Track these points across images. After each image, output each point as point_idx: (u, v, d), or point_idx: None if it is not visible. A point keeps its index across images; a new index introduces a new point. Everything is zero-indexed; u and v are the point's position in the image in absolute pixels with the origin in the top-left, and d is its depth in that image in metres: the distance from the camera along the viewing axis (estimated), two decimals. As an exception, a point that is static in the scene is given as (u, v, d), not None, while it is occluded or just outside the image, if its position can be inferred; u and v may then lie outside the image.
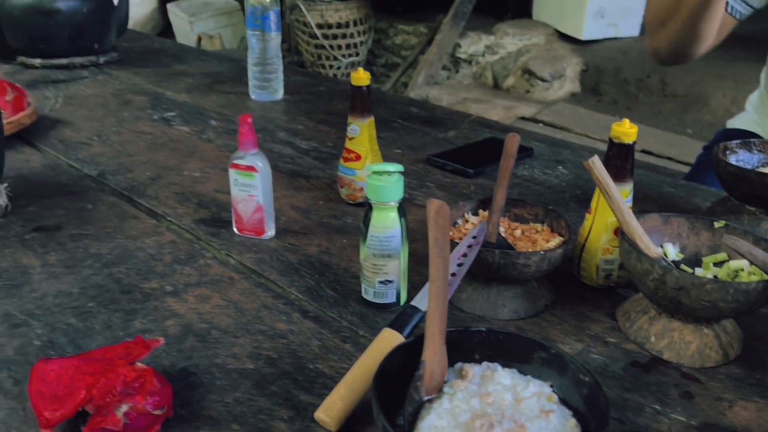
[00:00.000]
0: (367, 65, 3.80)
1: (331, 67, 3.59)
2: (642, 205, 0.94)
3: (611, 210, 0.63)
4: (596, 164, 0.61)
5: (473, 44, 3.47)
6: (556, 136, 2.20)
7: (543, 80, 3.24)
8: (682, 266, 0.68)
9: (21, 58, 1.60)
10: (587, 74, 3.30)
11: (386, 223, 0.65)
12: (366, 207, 0.67)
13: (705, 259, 0.68)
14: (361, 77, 0.87)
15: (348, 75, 3.67)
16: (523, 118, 2.99)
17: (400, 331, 0.57)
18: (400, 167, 0.66)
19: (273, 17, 1.33)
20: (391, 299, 0.69)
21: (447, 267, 0.49)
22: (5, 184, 0.90)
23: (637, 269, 0.61)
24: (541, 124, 2.93)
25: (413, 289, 0.71)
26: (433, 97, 3.24)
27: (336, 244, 0.82)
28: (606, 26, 3.35)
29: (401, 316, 0.58)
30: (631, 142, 0.67)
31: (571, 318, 0.69)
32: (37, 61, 1.59)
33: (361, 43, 3.60)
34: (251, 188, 0.79)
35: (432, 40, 3.48)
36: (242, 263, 0.77)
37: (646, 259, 0.60)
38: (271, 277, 0.75)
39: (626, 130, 0.66)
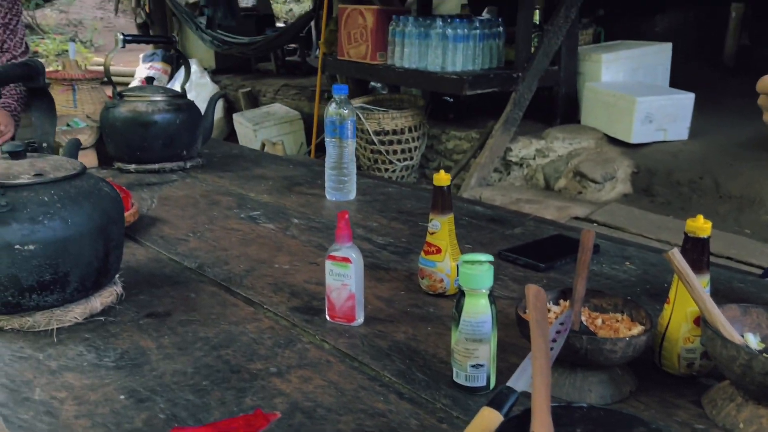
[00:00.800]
0: (421, 168, 3.97)
1: (386, 170, 3.76)
2: (714, 299, 0.96)
3: (693, 299, 0.68)
4: (676, 256, 0.67)
5: (524, 148, 3.60)
6: (612, 235, 2.24)
7: (595, 182, 3.31)
8: (765, 355, 0.71)
9: (118, 164, 1.77)
10: (638, 176, 3.36)
11: (478, 309, 0.71)
12: (458, 294, 0.72)
13: (787, 349, 0.71)
14: (443, 178, 0.96)
15: (403, 177, 3.83)
16: (577, 218, 3.04)
17: (499, 409, 0.61)
18: (490, 257, 0.72)
19: (350, 126, 1.46)
20: (482, 383, 0.73)
21: (548, 345, 0.54)
22: (118, 274, 0.99)
23: (722, 356, 0.64)
24: (595, 224, 2.97)
25: (499, 374, 0.75)
26: (486, 198, 3.34)
27: (421, 332, 0.87)
28: (654, 130, 3.44)
29: (499, 395, 0.62)
30: (706, 236, 0.72)
31: (656, 404, 0.71)
32: (132, 167, 1.75)
33: (416, 148, 3.77)
34: (345, 277, 0.86)
35: (483, 144, 3.63)
36: (337, 347, 0.83)
37: (732, 346, 0.63)
38: (364, 361, 0.80)
39: (701, 225, 0.71)
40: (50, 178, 0.86)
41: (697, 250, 0.73)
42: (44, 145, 0.97)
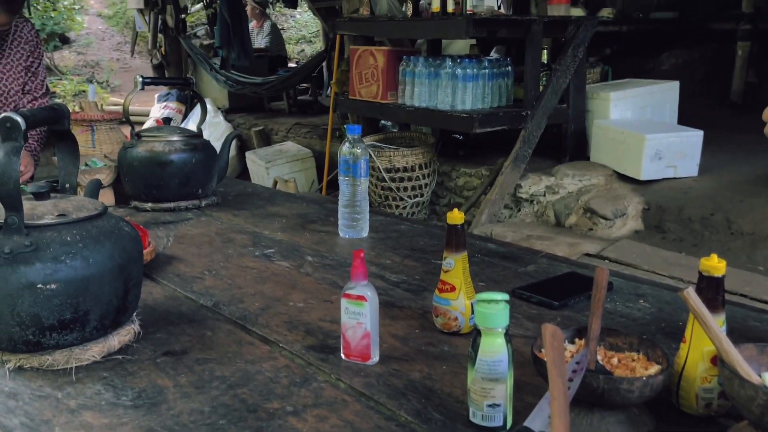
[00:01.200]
0: (431, 205, 3.99)
1: (397, 207, 3.78)
2: (730, 338, 0.96)
3: (709, 339, 0.68)
4: (691, 295, 0.67)
5: (534, 185, 3.62)
6: (624, 272, 2.23)
7: (605, 218, 3.31)
8: (784, 395, 0.70)
9: (134, 203, 1.80)
10: (649, 212, 3.35)
11: (494, 348, 0.71)
12: (474, 333, 0.73)
13: (806, 388, 0.70)
14: (456, 217, 0.97)
15: (413, 214, 3.85)
16: (589, 255, 3.03)
17: (517, 449, 0.61)
18: (506, 296, 0.73)
19: (363, 165, 1.48)
20: (499, 422, 0.72)
21: (566, 385, 0.54)
22: (136, 312, 1.00)
23: (740, 396, 0.64)
24: (607, 261, 2.96)
25: (515, 413, 0.75)
26: (497, 234, 3.34)
27: (437, 371, 0.87)
28: (664, 167, 3.45)
29: (516, 435, 0.62)
30: (720, 275, 0.72)
31: (675, 446, 0.70)
32: (148, 205, 1.78)
33: (426, 185, 3.80)
34: (360, 316, 0.87)
35: (494, 181, 3.66)
36: (352, 387, 0.83)
37: (750, 386, 0.63)
38: (380, 400, 0.80)
39: (715, 265, 0.72)
40: (73, 218, 0.88)
41: (712, 289, 0.73)
42: (67, 185, 0.99)
